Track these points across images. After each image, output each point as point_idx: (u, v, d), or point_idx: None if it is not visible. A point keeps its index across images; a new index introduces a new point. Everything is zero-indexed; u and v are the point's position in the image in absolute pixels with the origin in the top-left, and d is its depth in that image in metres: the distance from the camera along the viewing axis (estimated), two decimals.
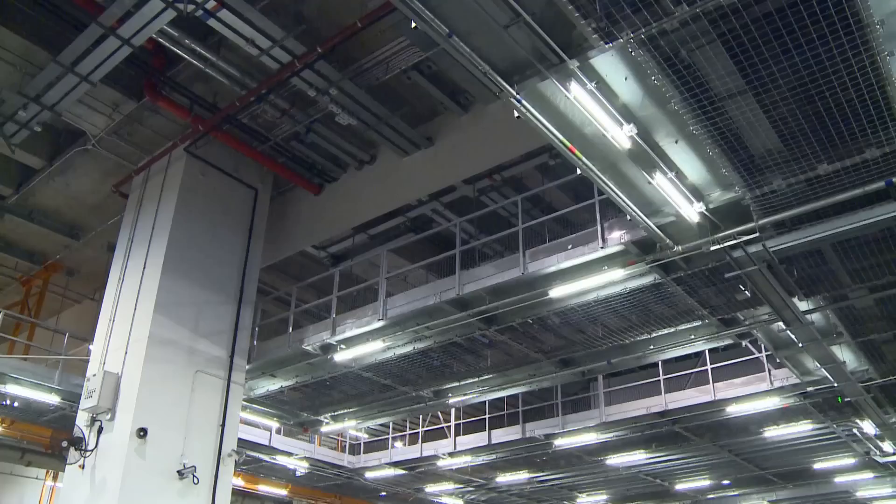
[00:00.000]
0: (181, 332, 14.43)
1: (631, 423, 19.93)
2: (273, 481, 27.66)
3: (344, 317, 15.08)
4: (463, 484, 27.51)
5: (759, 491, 29.79)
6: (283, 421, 21.01)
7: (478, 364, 16.64)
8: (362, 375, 16.88)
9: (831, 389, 16.44)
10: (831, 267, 11.43)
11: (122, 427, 13.30)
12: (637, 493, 29.40)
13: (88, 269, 20.09)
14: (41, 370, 17.40)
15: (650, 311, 13.49)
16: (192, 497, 13.75)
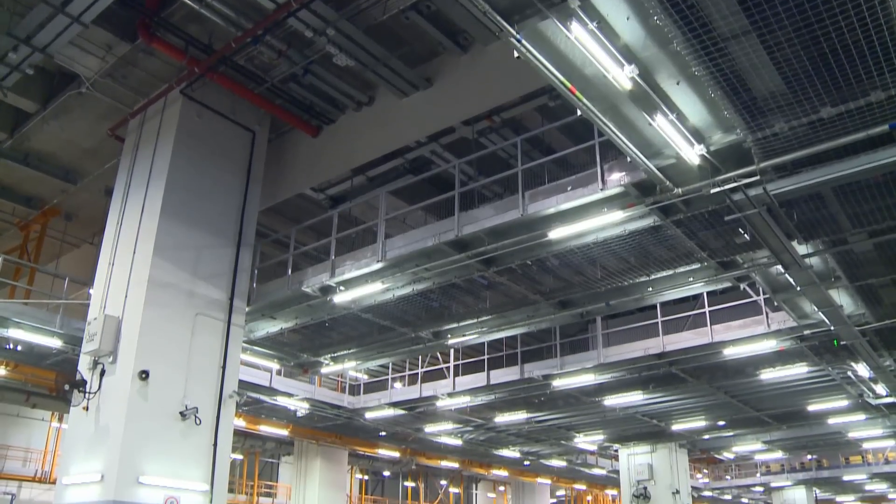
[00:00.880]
0: (180, 275, 14.45)
1: (628, 364, 20.11)
2: (274, 422, 28.06)
3: (343, 258, 15.07)
4: (462, 424, 27.88)
5: (753, 432, 30.25)
6: (284, 362, 21.18)
7: (477, 305, 16.71)
8: (361, 317, 16.97)
9: (827, 333, 16.56)
10: (831, 211, 11.40)
11: (124, 370, 13.41)
12: (634, 434, 29.82)
13: (86, 214, 20.02)
14: (42, 314, 17.51)
15: (649, 254, 13.49)
16: (194, 437, 13.93)
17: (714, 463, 47.03)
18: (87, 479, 13.14)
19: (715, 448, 34.41)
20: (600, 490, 50.49)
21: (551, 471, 40.63)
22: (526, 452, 34.60)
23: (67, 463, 13.97)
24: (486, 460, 37.87)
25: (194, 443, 13.91)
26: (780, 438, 31.61)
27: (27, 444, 32.20)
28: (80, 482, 13.28)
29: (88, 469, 13.21)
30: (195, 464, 13.85)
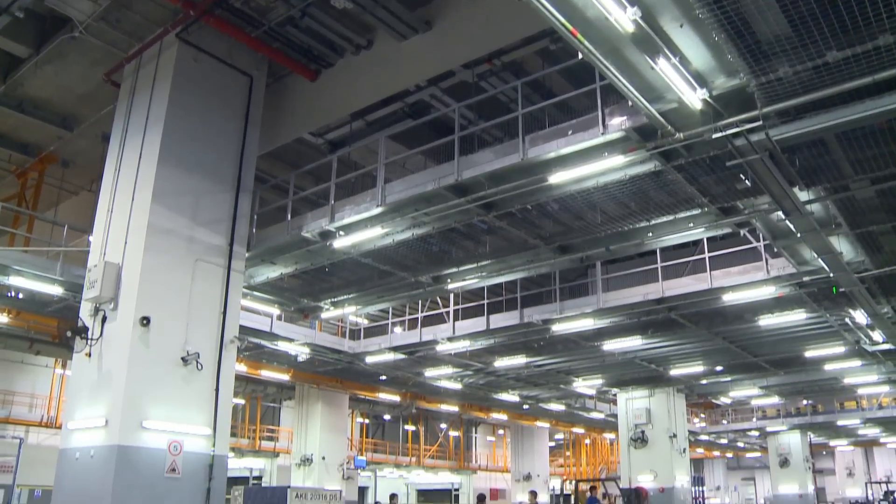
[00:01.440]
0: (180, 222, 14.41)
1: (628, 309, 20.17)
2: (275, 367, 28.28)
3: (342, 203, 15.01)
4: (461, 368, 28.10)
5: (751, 377, 30.53)
6: (284, 307, 21.26)
7: (476, 250, 16.72)
8: (361, 261, 16.98)
9: (826, 280, 16.59)
10: (834, 157, 11.32)
11: (125, 316, 13.48)
12: (632, 378, 30.08)
13: (84, 160, 19.86)
14: (42, 262, 17.52)
15: (650, 199, 13.44)
16: (196, 383, 14.06)
17: (711, 408, 47.61)
18: (91, 424, 13.32)
19: (712, 393, 34.75)
20: (598, 434, 51.15)
21: (550, 414, 41.07)
22: (525, 396, 34.92)
23: (72, 408, 14.14)
24: (485, 404, 38.26)
25: (196, 388, 14.05)
26: (776, 384, 31.90)
27: (32, 390, 32.57)
28: (85, 427, 13.46)
29: (93, 414, 13.38)
30: (197, 408, 14.00)
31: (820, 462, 61.95)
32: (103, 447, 12.93)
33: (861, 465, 62.98)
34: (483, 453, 58.54)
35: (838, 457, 63.91)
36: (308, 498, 18.16)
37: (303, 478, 31.79)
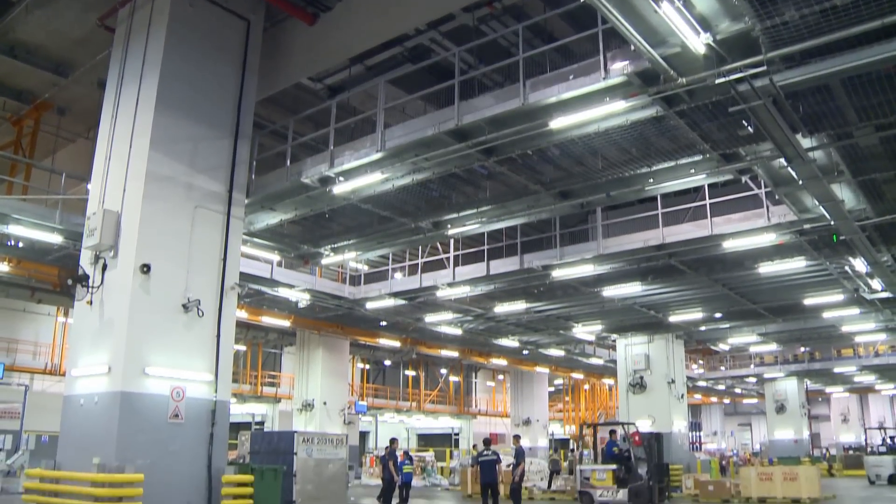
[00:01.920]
0: (178, 168, 14.35)
1: (628, 255, 20.16)
2: (276, 313, 28.41)
3: (342, 149, 14.92)
4: (462, 313, 28.23)
5: (749, 324, 30.67)
6: (284, 254, 21.27)
7: (477, 195, 16.68)
8: (361, 207, 16.96)
9: (827, 227, 16.55)
10: (838, 104, 11.21)
11: (126, 263, 13.51)
12: (631, 324, 30.22)
13: (80, 107, 19.64)
14: (41, 210, 17.47)
15: (651, 145, 13.37)
16: (197, 329, 14.15)
17: (709, 354, 47.94)
18: (94, 371, 13.45)
19: (711, 339, 34.96)
20: (597, 379, 51.56)
21: (549, 360, 41.38)
22: (525, 342, 35.13)
23: (75, 356, 14.26)
24: (485, 349, 38.53)
25: (197, 334, 14.15)
26: (774, 331, 32.09)
27: (35, 338, 32.80)
28: (88, 374, 13.60)
29: (96, 361, 13.49)
30: (199, 355, 14.13)
31: (815, 408, 62.67)
32: (107, 394, 13.08)
33: (856, 411, 63.68)
34: (483, 398, 59.18)
35: (833, 403, 64.60)
36: (314, 442, 18.43)
37: (304, 423, 32.16)
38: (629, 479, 20.31)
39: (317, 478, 18.26)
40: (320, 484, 18.32)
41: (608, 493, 20.36)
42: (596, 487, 20.63)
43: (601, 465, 21.19)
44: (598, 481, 20.66)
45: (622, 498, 20.16)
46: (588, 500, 20.66)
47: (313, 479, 18.17)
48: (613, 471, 20.51)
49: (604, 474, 20.65)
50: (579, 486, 21.24)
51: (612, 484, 20.37)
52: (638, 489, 20.02)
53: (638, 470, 20.42)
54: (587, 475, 21.04)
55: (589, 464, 22.24)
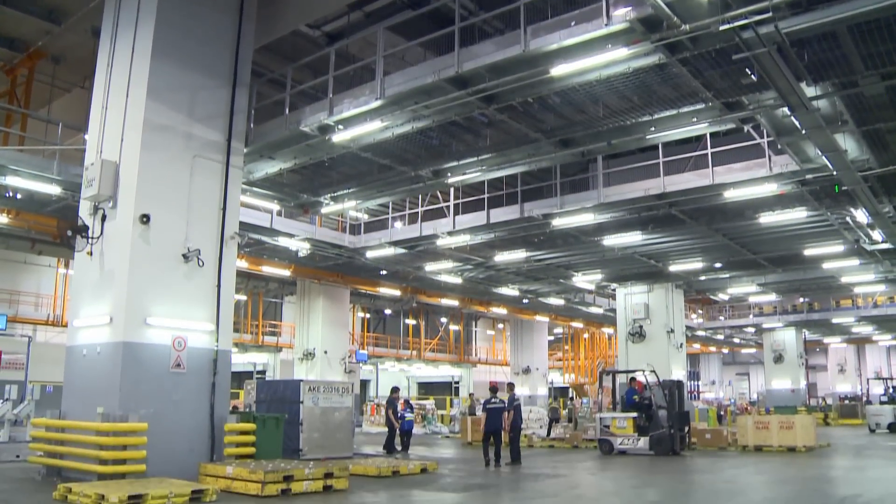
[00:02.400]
0: (176, 118, 14.25)
1: (628, 204, 20.11)
2: (276, 262, 28.44)
3: (341, 97, 14.78)
4: (462, 262, 28.24)
5: (749, 274, 30.72)
6: (284, 203, 21.21)
7: (477, 143, 16.58)
8: (361, 156, 16.87)
9: (829, 178, 16.48)
10: (844, 51, 11.07)
11: (125, 214, 13.50)
12: (631, 273, 30.26)
13: (75, 56, 19.29)
14: (39, 161, 17.38)
15: (653, 93, 13.25)
16: (197, 279, 14.20)
17: (708, 304, 48.15)
18: (96, 321, 13.54)
19: (710, 289, 35.05)
20: (597, 328, 51.83)
21: (549, 309, 41.54)
22: (525, 291, 35.23)
23: (77, 307, 14.34)
24: (485, 298, 38.65)
25: (198, 284, 14.19)
26: (774, 281, 32.16)
27: (37, 289, 32.90)
28: (90, 325, 13.70)
29: (97, 312, 13.57)
30: (200, 304, 14.20)
31: (813, 358, 63.10)
32: (109, 344, 13.17)
33: (852, 361, 64.25)
34: (483, 347, 59.57)
35: (831, 353, 65.12)
36: (321, 391, 18.59)
37: (305, 371, 32.43)
38: (650, 427, 20.37)
39: (323, 426, 18.48)
40: (326, 432, 18.54)
41: (629, 440, 20.45)
42: (616, 435, 20.72)
43: (621, 413, 21.21)
44: (618, 429, 20.76)
45: (643, 446, 20.25)
46: (608, 448, 20.72)
47: (320, 427, 18.39)
48: (634, 418, 20.56)
49: (624, 422, 20.74)
50: (599, 433, 21.27)
51: (633, 432, 20.45)
52: (659, 437, 20.08)
53: (659, 418, 20.42)
54: (607, 423, 21.09)
55: (608, 411, 22.20)
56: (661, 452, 19.87)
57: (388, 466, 15.38)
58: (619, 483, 15.24)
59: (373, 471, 15.03)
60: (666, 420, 20.38)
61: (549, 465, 18.09)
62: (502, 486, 14.46)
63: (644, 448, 20.19)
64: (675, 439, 20.15)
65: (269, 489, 11.65)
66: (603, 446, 20.92)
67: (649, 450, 20.06)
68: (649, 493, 13.80)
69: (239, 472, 12.17)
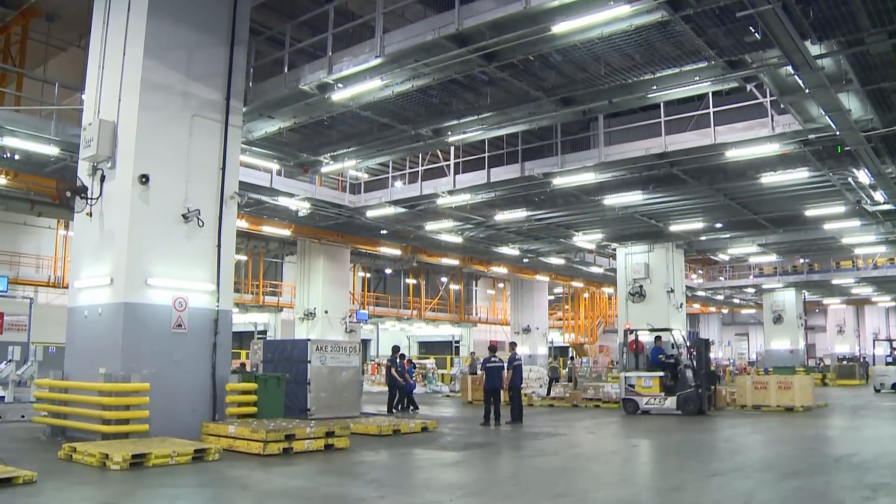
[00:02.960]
0: (174, 77, 14.08)
1: (629, 163, 20.00)
2: (276, 222, 28.39)
3: (340, 55, 14.60)
4: (462, 221, 28.19)
5: (749, 234, 30.70)
6: (283, 162, 21.11)
7: (477, 102, 16.46)
8: (360, 114, 16.77)
9: (832, 137, 16.38)
10: (851, 8, 10.93)
11: (124, 174, 13.42)
12: (632, 233, 30.24)
13: (69, 14, 19.05)
14: (36, 121, 17.24)
15: (655, 51, 13.12)
16: (198, 239, 14.16)
17: (709, 264, 48.18)
18: (97, 282, 13.55)
19: (711, 249, 35.04)
20: (597, 287, 51.93)
21: (550, 268, 41.57)
22: (525, 250, 35.21)
23: (77, 268, 14.33)
24: (485, 258, 38.67)
25: (198, 244, 14.16)
26: (774, 242, 32.16)
27: (37, 251, 32.91)
28: (91, 286, 13.71)
29: (98, 273, 13.57)
30: (200, 265, 14.19)
31: (812, 319, 63.33)
32: (110, 305, 13.20)
33: (851, 322, 64.49)
34: (483, 306, 59.80)
35: (830, 314, 65.32)
36: (328, 350, 18.65)
37: (306, 331, 32.53)
38: (677, 387, 20.10)
39: (331, 386, 18.57)
40: (334, 392, 18.64)
41: (655, 400, 20.15)
42: (641, 395, 20.38)
43: (647, 372, 20.86)
44: (643, 388, 20.41)
45: (670, 405, 19.95)
46: (632, 408, 20.43)
47: (327, 387, 18.48)
48: (661, 378, 20.26)
49: (650, 381, 20.38)
50: (623, 393, 20.92)
51: (660, 391, 20.16)
52: (688, 396, 19.83)
53: (687, 377, 20.14)
54: (632, 382, 20.73)
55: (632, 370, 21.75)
56: (689, 412, 19.61)
57: (389, 425, 15.50)
58: (619, 441, 15.37)
59: (374, 429, 15.16)
60: (693, 379, 20.12)
61: (548, 424, 18.23)
62: (502, 445, 14.59)
63: (671, 408, 19.90)
64: (703, 399, 19.89)
65: (270, 448, 11.74)
66: (627, 406, 20.64)
67: (676, 409, 19.79)
68: (648, 452, 13.93)
69: (241, 431, 12.26)
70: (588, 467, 11.84)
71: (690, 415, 19.51)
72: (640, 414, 20.19)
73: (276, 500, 8.41)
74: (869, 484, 9.33)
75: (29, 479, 9.05)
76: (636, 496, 8.93)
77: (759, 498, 8.51)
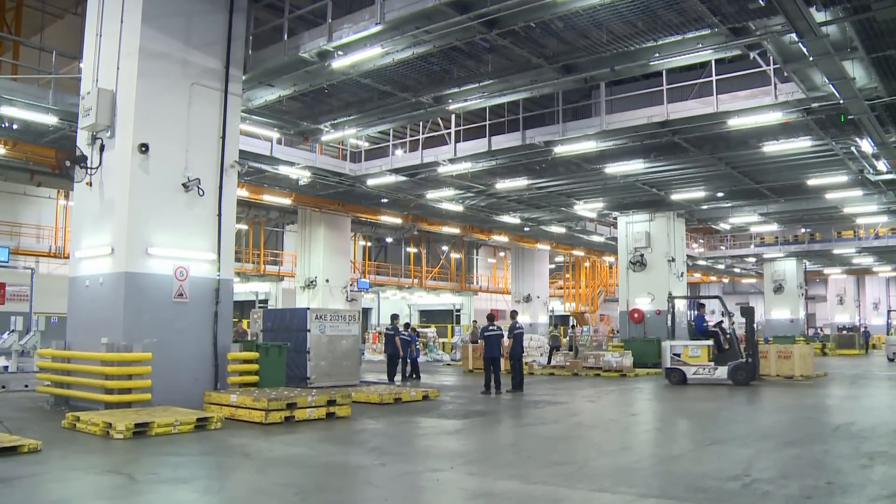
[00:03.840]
0: (173, 45, 13.98)
1: (631, 132, 19.91)
2: (277, 191, 28.33)
3: (340, 22, 14.45)
4: (463, 190, 28.13)
5: (751, 203, 30.65)
6: (283, 131, 21.00)
7: (478, 69, 16.35)
8: (361, 82, 16.66)
9: (836, 106, 16.29)
10: None
11: (123, 143, 13.36)
12: (633, 202, 30.18)
13: None
14: (34, 90, 17.14)
15: (658, 17, 13.01)
16: (198, 208, 14.15)
17: (710, 233, 48.13)
18: (98, 252, 13.56)
19: (712, 219, 34.98)
20: (598, 256, 51.94)
21: (550, 237, 41.54)
22: (526, 218, 35.16)
23: (78, 238, 14.33)
24: (486, 226, 38.63)
25: (199, 214, 14.15)
26: (776, 211, 32.10)
27: (38, 221, 32.85)
28: (92, 256, 13.73)
29: (98, 243, 13.58)
30: (201, 234, 14.20)
31: (812, 289, 63.45)
32: (111, 274, 13.21)
33: (852, 292, 64.56)
34: (484, 275, 59.85)
35: (831, 284, 65.39)
36: (328, 319, 18.69)
37: (307, 300, 32.59)
38: (728, 356, 19.74)
39: (330, 354, 18.66)
40: (333, 360, 18.72)
41: (704, 370, 19.69)
42: (689, 364, 19.89)
43: (694, 341, 20.37)
44: (690, 357, 19.92)
45: (721, 375, 19.57)
46: (679, 378, 19.99)
47: (327, 355, 18.56)
48: (709, 346, 19.85)
49: (698, 350, 19.91)
50: (669, 362, 20.37)
51: (708, 360, 19.73)
52: (739, 366, 19.50)
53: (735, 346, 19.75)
54: (677, 351, 20.22)
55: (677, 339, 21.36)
56: (741, 382, 19.31)
57: (390, 393, 15.57)
58: (618, 410, 15.44)
59: (375, 398, 15.24)
60: (743, 348, 19.74)
61: (549, 393, 18.32)
62: (502, 413, 14.66)
63: (722, 377, 19.54)
64: (756, 368, 19.64)
65: (272, 417, 11.81)
66: (672, 376, 20.10)
67: (727, 379, 19.46)
68: (648, 420, 14.01)
69: (243, 400, 12.32)
70: (588, 435, 11.90)
71: (741, 384, 19.21)
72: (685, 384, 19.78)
73: (277, 468, 8.46)
74: (866, 452, 9.39)
75: (34, 448, 9.12)
76: (636, 464, 8.98)
77: (757, 466, 8.56)
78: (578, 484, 7.62)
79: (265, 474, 8.13)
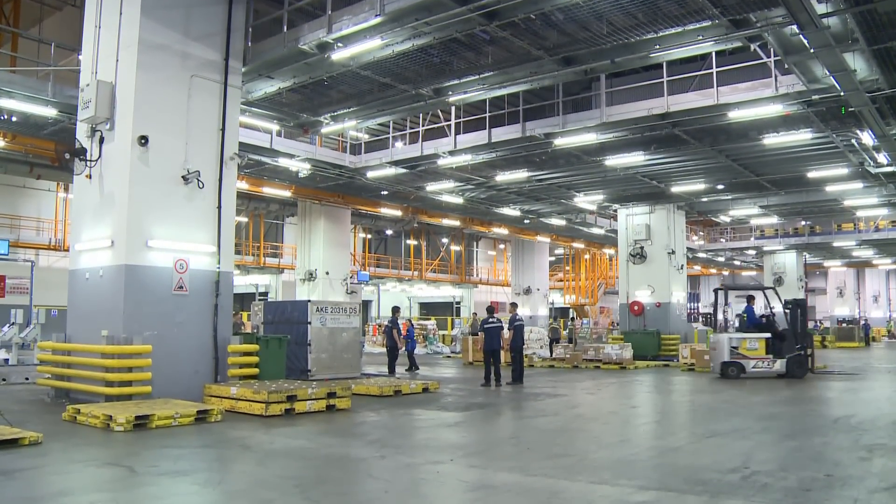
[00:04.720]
0: (172, 36, 13.94)
1: (631, 124, 19.88)
2: (277, 183, 28.30)
3: (340, 14, 14.42)
4: (463, 182, 28.10)
5: (751, 196, 30.62)
6: (283, 123, 20.98)
7: (478, 61, 16.32)
8: (361, 74, 16.64)
9: (836, 99, 16.26)
10: None
11: (123, 136, 13.35)
12: (633, 194, 30.15)
13: None
14: (33, 82, 17.10)
15: (658, 9, 13.00)
16: (198, 201, 14.14)
17: (710, 226, 48.14)
18: (97, 245, 13.56)
19: (712, 211, 34.96)
20: (598, 249, 51.93)
21: (550, 229, 41.53)
22: (526, 211, 35.15)
23: (78, 230, 14.32)
24: (486, 218, 38.61)
25: (198, 206, 14.15)
26: (776, 203, 32.06)
27: (37, 214, 32.88)
28: (92, 248, 13.73)
29: (98, 235, 13.57)
30: (201, 226, 14.19)
31: (813, 281, 63.51)
32: (111, 267, 13.21)
33: (852, 284, 64.62)
34: (484, 267, 59.88)
35: (831, 276, 65.41)
36: (328, 311, 18.69)
37: (307, 293, 32.61)
38: (785, 349, 19.45)
39: (331, 347, 18.67)
40: (334, 353, 18.74)
41: (763, 363, 19.35)
42: (748, 357, 19.45)
43: (751, 334, 19.91)
44: (748, 350, 19.49)
45: (779, 368, 19.29)
46: (737, 371, 19.48)
47: (327, 348, 18.57)
48: (767, 339, 19.52)
49: (755, 343, 19.52)
50: (727, 356, 19.73)
51: (766, 353, 19.40)
52: (797, 359, 19.29)
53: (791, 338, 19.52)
54: (735, 344, 19.72)
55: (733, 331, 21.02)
56: (800, 375, 19.11)
57: (390, 386, 15.59)
58: (618, 402, 15.46)
59: (375, 390, 15.25)
60: (796, 341, 19.57)
61: (549, 385, 18.34)
62: (502, 406, 14.68)
63: (780, 370, 19.24)
64: (812, 361, 19.37)
65: (272, 409, 11.83)
66: (729, 370, 19.59)
67: (786, 372, 19.16)
68: (648, 412, 14.02)
69: (243, 392, 12.33)
70: (588, 428, 11.91)
71: (798, 378, 19.03)
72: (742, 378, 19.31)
73: (278, 461, 8.48)
74: (865, 445, 9.40)
75: (34, 441, 9.13)
76: (636, 456, 8.99)
77: (757, 458, 8.57)
78: (578, 476, 7.63)
79: (265, 466, 8.14)
